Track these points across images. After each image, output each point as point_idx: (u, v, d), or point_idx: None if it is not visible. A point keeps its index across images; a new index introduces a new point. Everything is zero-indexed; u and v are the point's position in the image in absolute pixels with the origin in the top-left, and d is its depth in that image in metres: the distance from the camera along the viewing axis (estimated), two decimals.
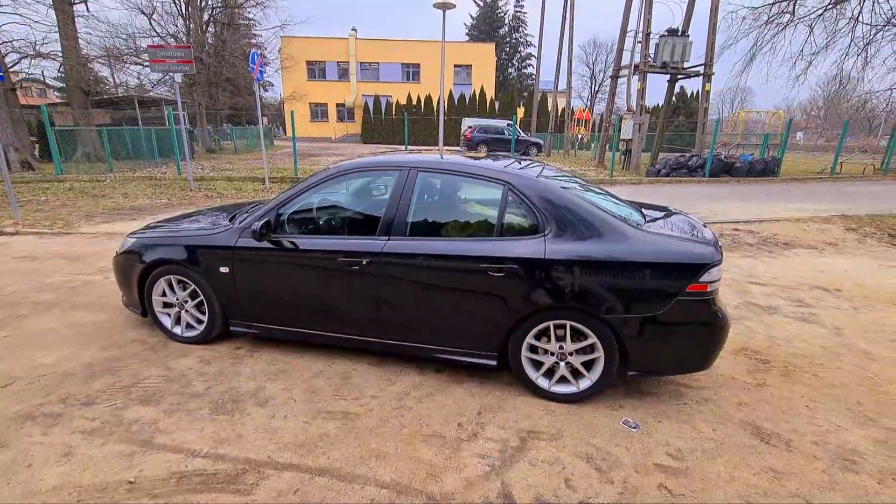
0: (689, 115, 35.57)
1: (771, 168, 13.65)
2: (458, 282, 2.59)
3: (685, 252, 2.37)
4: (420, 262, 2.61)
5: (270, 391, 2.69)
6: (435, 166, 2.76)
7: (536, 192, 2.57)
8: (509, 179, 2.62)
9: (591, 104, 54.38)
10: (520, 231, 2.59)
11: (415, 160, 2.79)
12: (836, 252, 6.42)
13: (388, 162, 2.86)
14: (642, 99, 14.43)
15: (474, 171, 2.70)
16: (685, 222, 2.87)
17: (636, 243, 2.40)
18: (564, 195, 2.57)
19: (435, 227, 2.77)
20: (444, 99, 12.44)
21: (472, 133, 23.94)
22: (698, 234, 2.62)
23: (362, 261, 2.67)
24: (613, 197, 3.12)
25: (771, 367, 3.12)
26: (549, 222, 2.50)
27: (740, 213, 8.69)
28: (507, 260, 2.48)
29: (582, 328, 2.49)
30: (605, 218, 2.50)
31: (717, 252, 2.41)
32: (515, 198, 2.58)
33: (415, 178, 2.72)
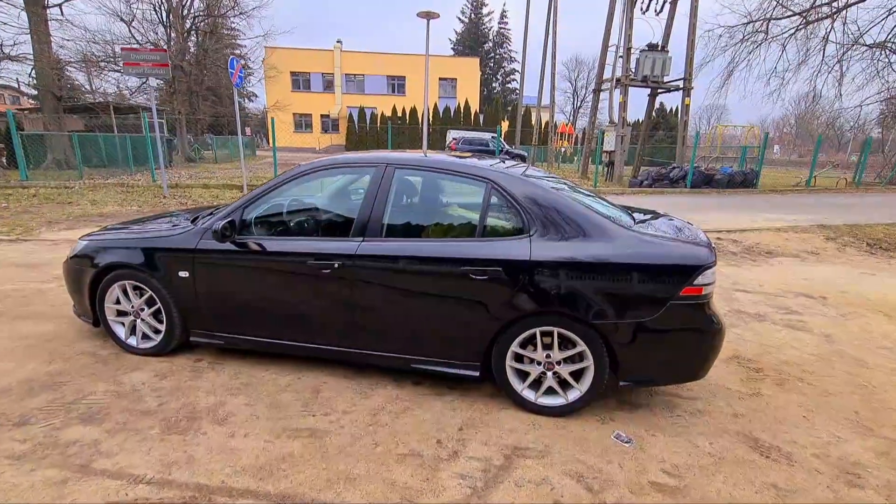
0: (669, 130, 36.40)
1: (750, 180, 13.92)
2: (437, 286, 2.41)
3: (678, 253, 2.24)
4: (397, 265, 2.43)
5: (231, 407, 2.44)
6: (413, 163, 2.59)
7: (521, 190, 2.42)
8: (493, 177, 2.46)
9: (573, 119, 55.37)
10: (504, 232, 2.43)
11: (392, 157, 2.62)
12: (818, 260, 6.45)
13: (363, 159, 2.69)
14: (624, 111, 14.63)
15: (456, 168, 2.55)
16: (676, 224, 2.76)
17: (627, 245, 2.26)
18: (551, 194, 2.42)
19: (413, 227, 2.60)
20: (428, 109, 12.40)
21: (457, 145, 23.99)
22: (691, 235, 2.49)
23: (334, 264, 2.47)
24: (602, 199, 2.99)
25: (764, 375, 3.00)
26: (535, 223, 2.35)
27: (723, 223, 8.73)
28: (490, 262, 2.31)
29: (570, 335, 2.33)
30: (593, 218, 2.35)
31: (712, 253, 2.28)
32: (499, 197, 2.43)
33: (392, 175, 2.54)
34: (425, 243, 2.45)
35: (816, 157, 15.27)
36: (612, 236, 2.29)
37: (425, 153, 2.77)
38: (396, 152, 2.73)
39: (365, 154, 2.71)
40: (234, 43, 35.33)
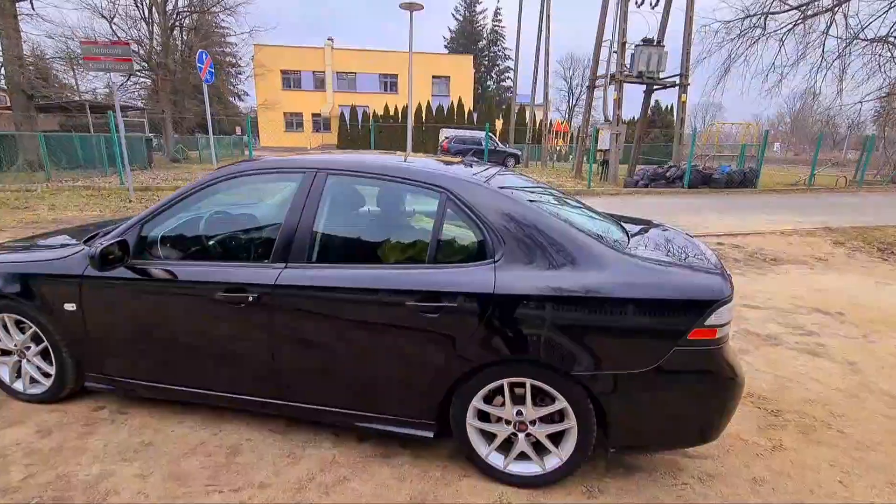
0: (664, 129, 35.98)
1: (749, 179, 13.47)
2: (378, 325, 1.89)
3: (686, 284, 1.73)
4: (327, 297, 1.91)
5: (117, 479, 1.91)
6: (351, 168, 2.06)
7: (486, 203, 1.90)
8: (448, 185, 1.94)
9: (569, 117, 54.93)
10: (462, 255, 1.92)
11: (325, 160, 2.09)
12: (827, 268, 5.98)
13: (289, 163, 2.15)
14: (619, 109, 14.14)
15: (403, 174, 2.02)
16: (679, 241, 2.25)
17: (620, 273, 1.75)
18: (523, 208, 1.91)
19: (349, 249, 2.08)
20: (411, 106, 11.87)
21: (450, 144, 23.46)
22: (699, 257, 1.98)
23: (248, 296, 1.94)
24: (590, 210, 2.48)
25: (785, 420, 2.50)
26: (502, 245, 1.83)
27: (723, 226, 8.26)
28: (442, 296, 1.80)
29: (548, 389, 1.81)
30: (577, 238, 1.84)
31: (727, 284, 1.77)
32: (457, 210, 1.91)
33: (323, 184, 2.02)
34: (363, 271, 1.93)
35: (817, 155, 14.85)
36: (602, 263, 1.77)
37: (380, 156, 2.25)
38: (331, 154, 2.21)
39: (292, 158, 2.18)
40: (223, 41, 34.70)
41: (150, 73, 22.98)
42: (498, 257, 1.82)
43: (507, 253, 1.82)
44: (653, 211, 9.91)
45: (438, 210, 1.93)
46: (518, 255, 1.81)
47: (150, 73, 23.04)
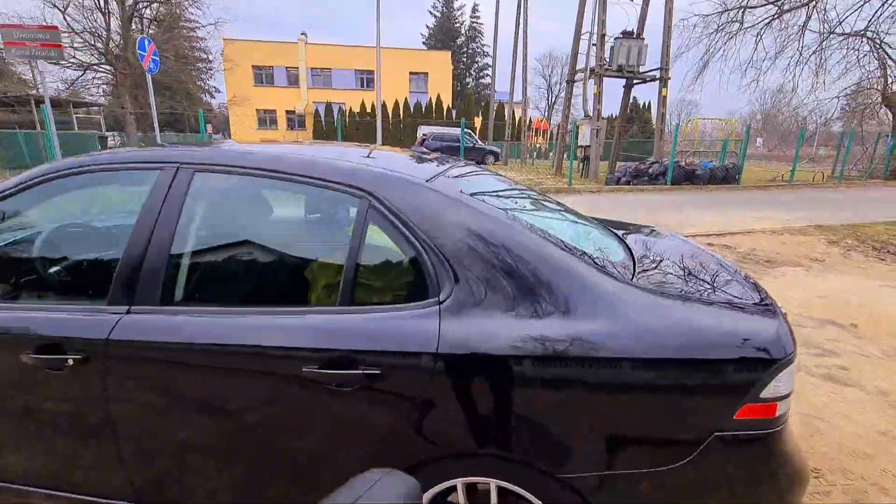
0: (642, 125, 35.99)
1: (732, 175, 13.23)
2: (268, 401, 1.24)
3: (730, 334, 1.14)
4: (189, 359, 1.25)
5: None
6: (227, 163, 1.40)
7: (429, 212, 1.28)
8: (373, 187, 1.31)
9: (548, 115, 54.80)
10: (391, 293, 1.29)
11: (191, 153, 1.42)
12: (825, 269, 5.57)
13: (141, 157, 1.47)
14: (599, 103, 13.72)
15: (306, 171, 1.37)
16: (703, 260, 1.66)
17: (634, 318, 1.15)
18: (489, 222, 1.29)
19: (224, 284, 1.42)
20: (379, 93, 11.17)
21: (427, 141, 22.80)
22: (736, 287, 1.40)
23: (68, 359, 1.27)
24: (575, 214, 1.88)
25: (829, 484, 1.95)
26: (452, 275, 1.21)
27: (710, 225, 7.84)
28: (358, 357, 1.16)
29: (523, 493, 1.20)
30: (571, 267, 1.23)
31: (788, 332, 1.18)
32: (384, 223, 1.28)
33: (187, 185, 1.35)
34: (241, 318, 1.27)
35: (799, 150, 14.73)
36: (607, 303, 1.18)
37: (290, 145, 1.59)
38: (204, 145, 1.53)
39: (149, 150, 1.50)
40: (191, 35, 33.15)
41: (109, 66, 21.65)
42: (446, 296, 1.20)
43: (462, 289, 1.20)
44: (637, 209, 9.47)
45: (357, 223, 1.30)
46: (479, 292, 1.19)
47: (109, 67, 21.72)
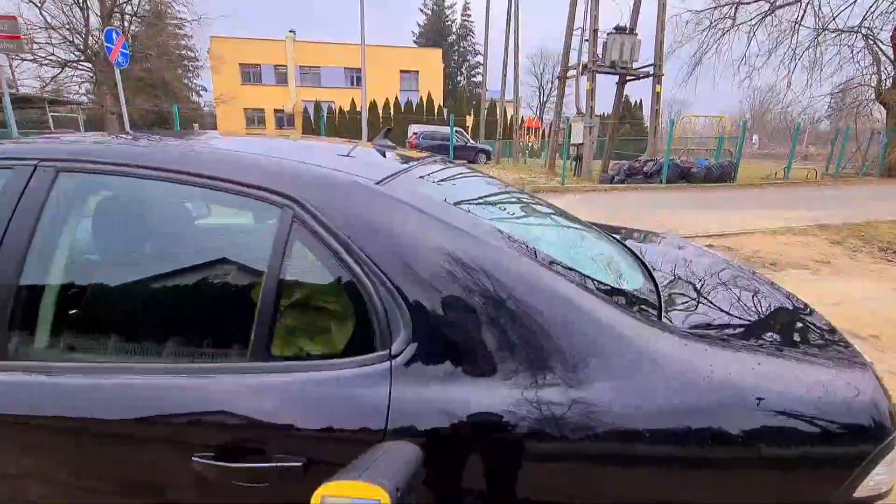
0: (633, 123, 35.85)
1: (728, 173, 12.98)
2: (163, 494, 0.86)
3: (811, 403, 0.77)
4: (36, 436, 0.86)
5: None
6: (108, 159, 1.01)
7: (376, 225, 0.92)
8: (298, 192, 0.93)
9: (539, 113, 54.58)
10: (322, 343, 0.91)
11: (58, 147, 1.03)
12: (833, 272, 5.30)
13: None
14: (592, 100, 13.41)
15: (214, 169, 0.98)
16: (742, 281, 1.30)
17: (669, 382, 0.78)
18: (461, 236, 0.92)
19: (94, 328, 1.03)
20: (364, 84, 10.78)
21: (418, 139, 22.39)
22: (799, 324, 1.04)
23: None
24: (574, 221, 1.52)
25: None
26: (405, 317, 0.84)
27: (709, 224, 7.55)
28: (271, 443, 0.78)
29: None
30: (576, 302, 0.87)
31: (886, 397, 0.82)
32: (313, 242, 0.91)
33: (47, 190, 0.96)
34: (114, 379, 0.89)
35: (795, 148, 14.54)
36: (632, 360, 0.81)
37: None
38: (78, 138, 1.15)
39: (7, 143, 1.11)
40: (177, 33, 32.38)
41: (88, 64, 20.98)
42: (400, 348, 0.83)
43: (424, 339, 0.83)
44: (634, 208, 9.17)
45: (277, 243, 0.92)
46: (448, 343, 0.82)
47: (89, 65, 21.05)
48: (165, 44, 25.58)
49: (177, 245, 1.10)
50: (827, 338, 1.00)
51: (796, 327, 1.03)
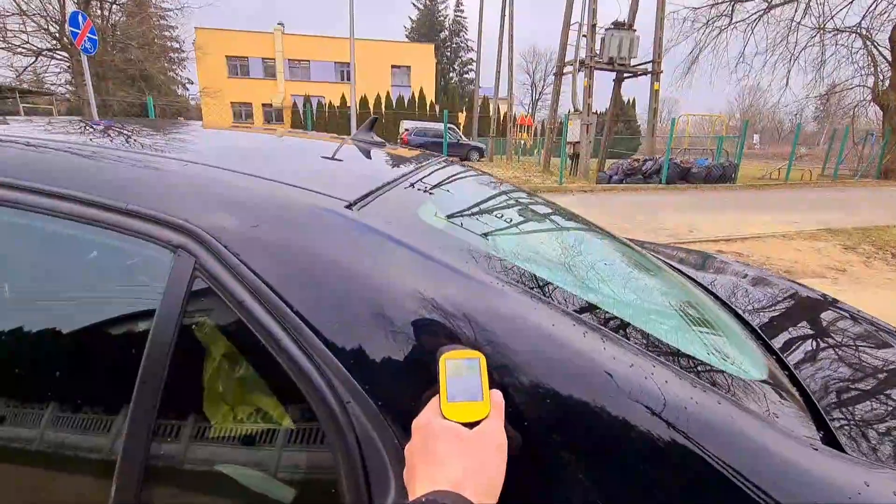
0: (627, 122, 35.67)
1: (728, 174, 12.68)
2: None
3: None
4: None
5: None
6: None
7: (355, 284, 0.47)
8: (207, 225, 0.49)
9: (532, 111, 54.24)
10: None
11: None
12: (850, 281, 4.99)
13: None
14: (589, 97, 13.03)
15: (57, 182, 0.54)
16: (873, 337, 0.89)
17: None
18: (492, 296, 0.49)
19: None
20: (353, 78, 10.29)
21: (409, 136, 21.91)
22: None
23: None
24: (625, 246, 1.11)
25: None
26: (398, 453, 0.41)
27: (715, 228, 7.22)
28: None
29: None
30: (713, 415, 0.45)
31: None
32: (226, 314, 0.47)
33: None
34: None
35: (795, 148, 14.31)
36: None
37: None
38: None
39: None
40: (161, 24, 31.32)
41: (65, 53, 20.06)
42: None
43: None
44: (635, 210, 8.82)
45: (164, 308, 0.48)
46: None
47: (65, 54, 20.14)
48: (148, 34, 24.67)
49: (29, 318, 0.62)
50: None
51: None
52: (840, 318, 1.11)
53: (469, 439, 0.41)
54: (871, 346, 0.94)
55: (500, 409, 0.45)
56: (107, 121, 1.03)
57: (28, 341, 0.57)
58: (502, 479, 0.41)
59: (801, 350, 0.86)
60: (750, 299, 1.13)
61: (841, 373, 0.78)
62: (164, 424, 0.50)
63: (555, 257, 0.85)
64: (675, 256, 1.53)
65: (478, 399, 0.44)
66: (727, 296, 1.07)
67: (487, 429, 0.43)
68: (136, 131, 0.87)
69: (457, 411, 0.43)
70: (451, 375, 0.45)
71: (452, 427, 0.42)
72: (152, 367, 0.49)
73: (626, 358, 0.52)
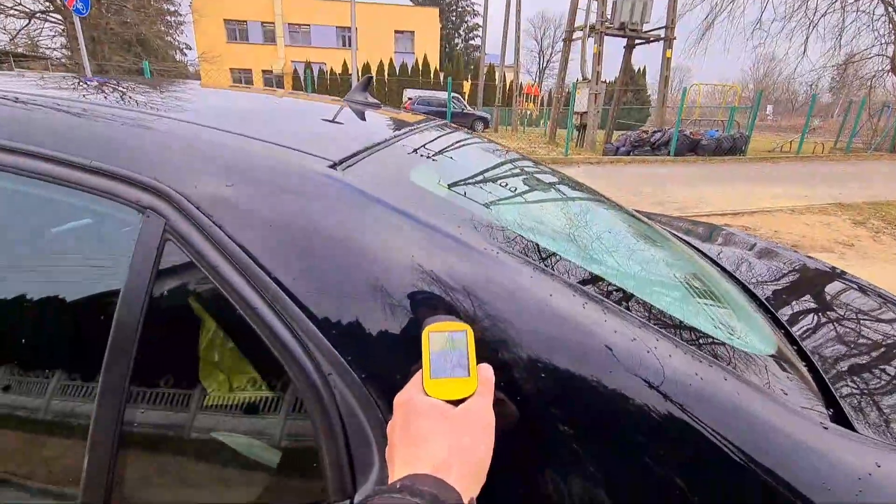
0: (635, 93, 34.65)
1: (739, 146, 12.37)
2: None
3: None
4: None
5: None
6: None
7: (337, 249, 0.43)
8: (178, 185, 0.45)
9: (539, 80, 52.75)
10: (217, 488, 0.45)
11: None
12: (858, 256, 4.94)
13: None
14: (599, 64, 12.60)
15: (28, 137, 0.50)
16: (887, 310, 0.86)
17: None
18: (492, 266, 0.46)
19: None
20: (354, 42, 9.99)
21: (413, 105, 21.44)
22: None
23: None
24: (630, 216, 1.06)
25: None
26: (380, 426, 0.38)
27: (723, 201, 7.11)
28: None
29: None
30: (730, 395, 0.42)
31: None
32: (203, 284, 0.43)
33: None
34: None
35: (809, 119, 13.89)
36: None
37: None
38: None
39: None
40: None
41: (58, 15, 19.48)
42: (373, 487, 0.37)
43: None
44: (642, 183, 8.66)
45: (133, 272, 0.45)
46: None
47: (59, 16, 19.55)
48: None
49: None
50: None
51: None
52: (851, 292, 1.07)
53: (454, 418, 0.38)
54: (884, 321, 0.90)
55: (488, 386, 0.41)
56: (98, 77, 0.97)
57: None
58: (489, 460, 0.38)
59: (810, 324, 0.83)
60: (758, 272, 1.09)
61: (852, 348, 0.75)
62: (136, 392, 0.47)
63: (555, 225, 0.81)
64: (682, 228, 1.49)
65: (464, 375, 0.41)
66: (734, 268, 1.03)
67: (474, 406, 0.40)
68: (113, 87, 0.82)
69: (441, 388, 0.40)
70: (436, 350, 0.41)
71: (436, 405, 0.39)
72: (122, 334, 0.46)
73: (628, 331, 0.48)
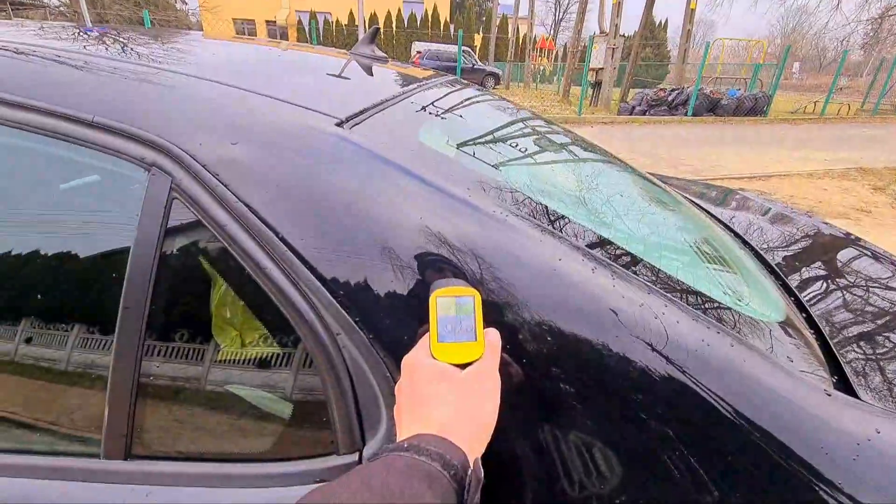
0: (656, 48, 32.97)
1: (760, 107, 11.86)
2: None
3: None
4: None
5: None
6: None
7: (339, 210, 0.43)
8: (184, 143, 0.44)
9: (555, 33, 50.21)
10: (231, 436, 0.47)
11: None
12: (875, 224, 4.82)
13: None
14: (618, 16, 11.93)
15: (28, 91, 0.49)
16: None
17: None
18: (498, 230, 0.45)
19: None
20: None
21: (422, 59, 20.67)
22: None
23: None
24: (644, 180, 1.04)
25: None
26: (389, 382, 0.40)
27: (741, 165, 6.91)
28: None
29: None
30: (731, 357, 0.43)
31: None
32: (211, 242, 0.44)
33: None
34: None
35: (837, 79, 13.19)
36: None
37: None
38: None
39: None
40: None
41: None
42: (378, 450, 0.39)
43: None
44: (657, 144, 8.42)
45: (142, 230, 0.46)
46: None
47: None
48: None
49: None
50: None
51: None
52: (865, 259, 1.05)
53: (460, 381, 0.39)
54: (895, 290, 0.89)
55: (495, 350, 0.42)
56: (99, 27, 0.94)
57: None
58: (493, 423, 0.39)
59: (820, 291, 0.82)
60: (770, 237, 1.07)
61: (861, 317, 0.75)
62: (151, 346, 0.49)
63: (565, 188, 0.79)
64: (695, 191, 1.45)
65: (471, 339, 0.41)
66: (746, 232, 1.02)
67: (480, 370, 0.40)
68: (116, 38, 0.79)
69: (447, 352, 0.41)
70: (443, 314, 0.42)
71: (442, 368, 0.40)
72: (134, 292, 0.47)
73: (636, 296, 0.48)
